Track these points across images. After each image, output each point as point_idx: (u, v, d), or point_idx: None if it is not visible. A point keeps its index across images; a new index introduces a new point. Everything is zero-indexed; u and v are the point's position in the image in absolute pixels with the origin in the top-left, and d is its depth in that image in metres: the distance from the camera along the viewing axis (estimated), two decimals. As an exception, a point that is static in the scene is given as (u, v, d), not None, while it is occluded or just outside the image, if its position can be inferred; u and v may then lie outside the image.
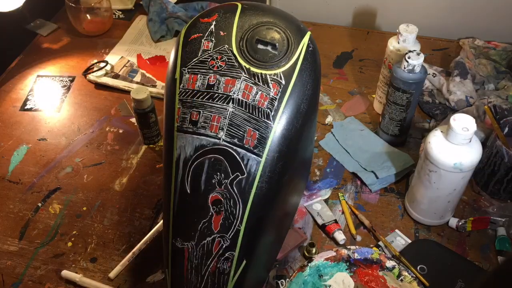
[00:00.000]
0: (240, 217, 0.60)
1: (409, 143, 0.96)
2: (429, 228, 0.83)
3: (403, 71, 0.84)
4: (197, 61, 0.64)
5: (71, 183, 0.92)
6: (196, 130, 0.61)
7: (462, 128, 0.71)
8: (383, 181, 0.89)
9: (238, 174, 0.60)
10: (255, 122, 0.60)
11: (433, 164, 0.74)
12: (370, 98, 1.06)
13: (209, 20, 0.66)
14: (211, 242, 0.60)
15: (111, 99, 1.08)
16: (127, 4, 1.32)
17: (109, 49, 1.19)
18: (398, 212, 0.86)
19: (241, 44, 0.64)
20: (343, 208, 0.86)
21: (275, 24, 0.65)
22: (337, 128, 0.99)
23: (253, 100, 0.61)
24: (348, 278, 0.75)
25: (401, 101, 0.87)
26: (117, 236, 0.83)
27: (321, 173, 0.92)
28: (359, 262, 0.76)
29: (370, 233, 0.83)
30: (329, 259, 0.76)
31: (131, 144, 0.98)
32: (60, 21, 1.28)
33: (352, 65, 1.15)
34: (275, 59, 0.63)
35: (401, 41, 0.91)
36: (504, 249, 0.79)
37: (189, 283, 0.62)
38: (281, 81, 0.62)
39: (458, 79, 1.01)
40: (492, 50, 1.10)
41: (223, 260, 0.60)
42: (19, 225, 0.85)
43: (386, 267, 0.75)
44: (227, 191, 0.60)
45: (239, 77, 0.62)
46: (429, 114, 1.01)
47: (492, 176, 0.84)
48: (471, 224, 0.81)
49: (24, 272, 0.79)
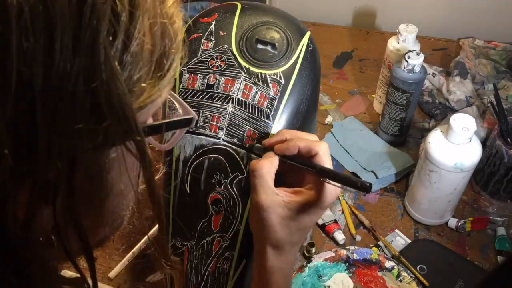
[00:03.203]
0: (239, 216, 0.60)
1: (409, 143, 0.96)
2: (429, 228, 0.83)
3: (403, 71, 0.84)
4: (197, 60, 0.64)
5: (71, 183, 0.91)
6: (196, 130, 0.61)
7: (462, 128, 0.71)
8: (383, 181, 0.89)
9: (238, 174, 0.60)
10: (254, 122, 0.60)
11: (433, 164, 0.74)
12: (370, 98, 1.06)
13: (209, 20, 0.66)
14: (210, 241, 0.60)
15: (111, 99, 1.08)
16: (127, 4, 1.31)
17: (109, 49, 1.19)
18: (398, 212, 0.86)
19: (240, 44, 0.64)
20: (343, 208, 0.86)
21: (274, 24, 0.65)
22: (337, 128, 0.99)
23: (252, 100, 0.61)
24: (347, 278, 0.75)
25: (401, 101, 0.87)
26: (117, 236, 0.83)
27: (321, 173, 0.92)
28: (358, 262, 0.76)
29: (369, 233, 0.83)
30: (328, 259, 0.76)
31: (131, 144, 0.98)
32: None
33: (352, 65, 1.14)
34: (275, 59, 0.63)
35: (401, 41, 0.90)
36: (504, 249, 0.79)
37: (189, 283, 0.62)
38: (281, 81, 0.62)
39: (458, 79, 1.01)
40: (492, 50, 1.10)
41: (222, 260, 0.60)
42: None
43: (385, 268, 0.75)
44: (227, 191, 0.60)
45: (239, 77, 0.62)
46: (429, 114, 1.01)
47: (492, 176, 0.84)
48: (470, 224, 0.81)
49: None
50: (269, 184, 0.52)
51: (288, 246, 0.53)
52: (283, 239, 0.52)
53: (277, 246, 0.53)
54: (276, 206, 0.51)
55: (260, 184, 0.52)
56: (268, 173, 0.52)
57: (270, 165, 0.53)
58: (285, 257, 0.54)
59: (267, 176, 0.52)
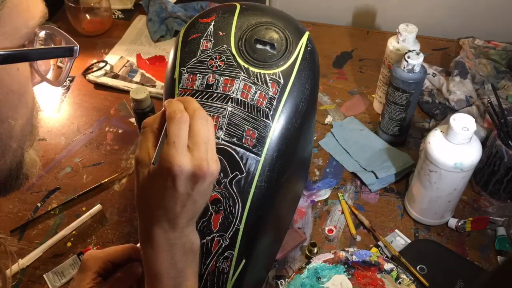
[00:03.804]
0: (239, 216, 0.60)
1: (409, 143, 0.96)
2: (429, 228, 0.83)
3: (403, 71, 0.84)
4: (196, 61, 0.64)
5: (71, 183, 0.92)
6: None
7: (462, 128, 0.71)
8: (382, 181, 0.89)
9: (237, 173, 0.60)
10: (254, 122, 0.60)
11: (433, 164, 0.74)
12: (370, 98, 1.06)
13: (208, 20, 0.66)
14: (210, 241, 0.60)
15: (111, 99, 1.08)
16: (127, 4, 1.32)
17: (109, 49, 1.19)
18: (397, 212, 0.86)
19: (239, 44, 0.64)
20: (342, 208, 0.86)
21: (273, 24, 0.65)
22: (337, 128, 0.99)
23: (252, 99, 0.61)
24: (346, 280, 0.75)
25: (400, 101, 0.87)
26: (116, 236, 0.83)
27: (321, 173, 0.92)
28: (357, 264, 0.76)
29: (369, 233, 0.83)
30: (327, 261, 0.76)
31: (131, 144, 0.98)
32: (60, 21, 1.28)
33: (352, 65, 1.14)
34: (274, 59, 0.63)
35: (400, 41, 0.90)
36: (504, 249, 0.79)
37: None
38: (280, 80, 0.62)
39: (458, 79, 1.01)
40: (492, 50, 1.10)
41: (222, 259, 0.60)
42: (18, 225, 0.85)
43: (384, 270, 0.75)
44: (226, 190, 0.60)
45: (238, 76, 0.62)
46: (429, 114, 1.01)
47: (492, 176, 0.84)
48: (470, 224, 0.81)
49: (23, 272, 0.79)
50: (146, 141, 0.51)
51: (153, 215, 0.50)
52: (145, 205, 0.50)
53: (143, 209, 0.51)
54: (143, 165, 0.50)
55: (141, 140, 0.51)
56: (150, 131, 0.51)
57: (154, 121, 0.52)
58: (152, 227, 0.50)
59: (148, 133, 0.51)
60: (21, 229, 0.85)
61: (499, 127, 0.81)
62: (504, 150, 0.79)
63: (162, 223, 0.50)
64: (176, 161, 0.47)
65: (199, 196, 0.50)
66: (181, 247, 0.52)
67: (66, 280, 0.77)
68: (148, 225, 0.51)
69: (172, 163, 0.47)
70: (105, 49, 1.20)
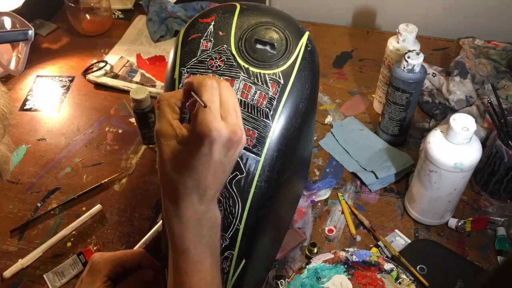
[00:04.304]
0: (239, 216, 0.60)
1: (409, 143, 0.96)
2: (429, 228, 0.83)
3: (403, 71, 0.84)
4: (196, 61, 0.63)
5: (71, 183, 0.92)
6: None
7: (462, 128, 0.71)
8: (382, 181, 0.89)
9: (237, 173, 0.60)
10: (254, 122, 0.60)
11: (433, 164, 0.74)
12: (370, 98, 1.06)
13: (208, 20, 0.66)
14: (210, 242, 0.60)
15: (111, 99, 1.08)
16: (127, 4, 1.32)
17: (109, 49, 1.19)
18: (397, 212, 0.86)
19: (239, 44, 0.64)
20: (342, 208, 0.86)
21: (273, 24, 0.65)
22: (337, 128, 0.99)
23: (252, 99, 0.61)
24: (346, 280, 0.75)
25: (400, 101, 0.87)
26: (116, 236, 0.83)
27: (321, 173, 0.92)
28: (357, 264, 0.76)
29: (369, 233, 0.83)
30: (327, 261, 0.76)
31: (131, 144, 0.98)
32: (60, 21, 1.28)
33: (352, 65, 1.14)
34: (274, 59, 0.63)
35: (400, 41, 0.90)
36: (504, 249, 0.79)
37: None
38: (280, 80, 0.62)
39: (458, 79, 1.01)
40: (492, 50, 1.10)
41: (222, 260, 0.60)
42: (18, 225, 0.85)
43: (385, 270, 0.75)
44: (226, 190, 0.60)
45: (238, 76, 0.62)
46: (429, 114, 1.01)
47: (492, 176, 0.84)
48: (470, 224, 0.81)
49: (23, 272, 0.79)
50: (166, 114, 0.50)
51: (182, 187, 0.49)
52: (175, 177, 0.49)
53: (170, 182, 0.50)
54: (168, 137, 0.49)
55: (159, 114, 0.51)
56: (167, 104, 0.51)
57: (171, 96, 0.52)
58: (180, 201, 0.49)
59: (164, 106, 0.51)
60: (21, 229, 0.85)
61: (499, 127, 0.81)
62: (504, 150, 0.79)
63: (191, 195, 0.49)
64: (214, 126, 0.47)
65: (229, 165, 0.50)
66: (208, 221, 0.51)
67: (66, 280, 0.77)
68: (176, 199, 0.50)
69: (210, 128, 0.47)
70: (105, 49, 1.20)
